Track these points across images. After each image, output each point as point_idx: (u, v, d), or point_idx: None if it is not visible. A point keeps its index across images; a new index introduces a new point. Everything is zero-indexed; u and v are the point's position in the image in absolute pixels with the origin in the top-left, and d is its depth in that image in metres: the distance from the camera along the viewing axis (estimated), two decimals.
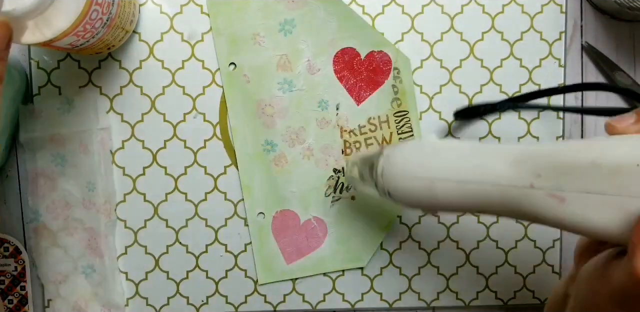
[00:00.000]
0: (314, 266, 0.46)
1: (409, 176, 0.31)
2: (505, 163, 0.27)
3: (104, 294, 0.44)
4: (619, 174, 0.23)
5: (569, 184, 0.24)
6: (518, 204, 0.27)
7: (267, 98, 0.44)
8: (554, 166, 0.25)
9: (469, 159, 0.29)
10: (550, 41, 0.46)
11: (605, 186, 0.23)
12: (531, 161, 0.26)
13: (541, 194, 0.25)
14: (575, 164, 0.24)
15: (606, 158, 0.23)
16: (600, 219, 0.24)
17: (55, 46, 0.35)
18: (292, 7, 0.44)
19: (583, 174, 0.24)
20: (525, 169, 0.26)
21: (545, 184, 0.25)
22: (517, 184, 0.26)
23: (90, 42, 0.37)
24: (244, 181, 0.45)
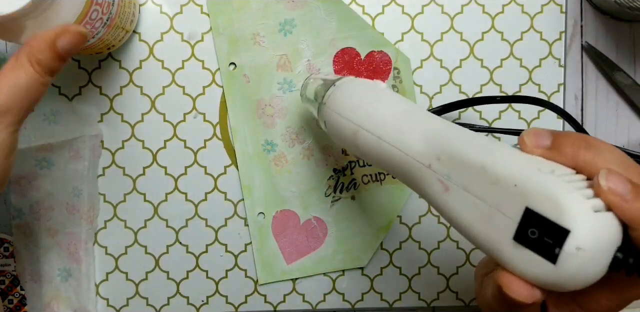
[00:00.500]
0: (314, 266, 0.46)
1: (343, 115, 0.32)
2: (420, 136, 0.27)
3: (77, 301, 0.44)
4: (498, 185, 0.23)
5: (457, 177, 0.25)
6: (415, 177, 0.27)
7: (267, 98, 0.44)
8: (452, 156, 0.25)
9: (397, 119, 0.29)
10: (550, 41, 0.46)
11: (483, 193, 0.23)
12: (439, 142, 0.26)
13: (434, 177, 0.26)
14: (469, 162, 0.24)
15: (493, 167, 0.23)
16: (470, 220, 0.24)
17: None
18: (292, 7, 0.44)
19: (471, 173, 0.24)
20: (431, 149, 0.27)
21: (440, 168, 0.26)
22: (419, 159, 0.27)
23: (91, 42, 0.37)
24: (244, 181, 0.45)
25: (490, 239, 0.23)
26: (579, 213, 0.20)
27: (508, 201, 0.22)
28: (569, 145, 0.23)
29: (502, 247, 0.23)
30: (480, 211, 0.23)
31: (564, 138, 0.24)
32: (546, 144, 0.24)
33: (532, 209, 0.21)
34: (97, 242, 0.45)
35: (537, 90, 0.46)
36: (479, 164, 0.24)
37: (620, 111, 0.47)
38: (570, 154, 0.23)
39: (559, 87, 0.46)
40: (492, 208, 0.23)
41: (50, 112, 0.43)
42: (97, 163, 0.44)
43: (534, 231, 0.21)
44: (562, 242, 0.20)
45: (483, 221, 0.23)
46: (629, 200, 0.21)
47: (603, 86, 0.47)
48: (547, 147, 0.24)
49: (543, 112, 0.46)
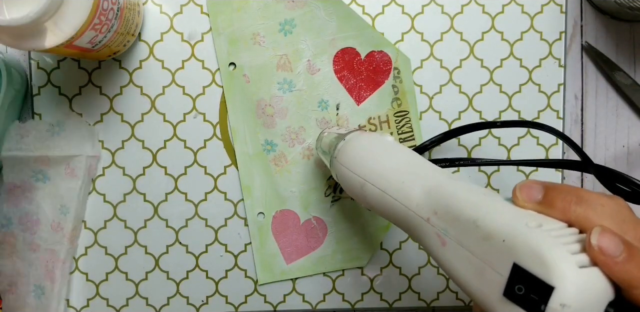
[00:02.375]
0: (314, 266, 0.46)
1: (351, 169, 0.33)
2: (421, 190, 0.28)
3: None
4: (488, 241, 0.23)
5: (452, 231, 0.25)
6: (416, 230, 0.28)
7: (267, 98, 0.44)
8: (448, 211, 0.26)
9: (400, 173, 0.30)
10: (550, 41, 0.46)
11: (476, 247, 0.24)
12: (436, 197, 0.27)
13: (432, 231, 0.26)
14: (462, 217, 0.25)
15: (484, 222, 0.24)
16: (464, 274, 0.24)
17: (77, 47, 0.35)
18: (292, 7, 0.44)
19: (464, 228, 0.24)
20: (430, 203, 0.27)
21: (437, 223, 0.26)
22: (419, 213, 0.28)
23: (108, 37, 0.37)
24: (244, 180, 0.45)
25: (482, 293, 0.23)
26: (564, 269, 0.20)
27: (498, 256, 0.23)
28: (560, 199, 0.23)
29: (493, 302, 0.23)
30: (474, 265, 0.24)
31: (555, 192, 0.24)
32: (538, 198, 0.24)
33: (519, 265, 0.21)
34: (97, 243, 0.45)
35: (537, 90, 0.46)
36: (471, 219, 0.24)
37: (620, 111, 0.47)
38: (562, 208, 0.23)
39: (559, 87, 0.46)
40: (484, 263, 0.23)
41: (56, 123, 0.44)
42: (90, 184, 0.45)
43: (521, 287, 0.21)
44: (547, 299, 0.20)
45: (476, 276, 0.24)
46: (619, 262, 0.20)
47: (603, 86, 0.47)
48: (538, 201, 0.24)
49: (543, 112, 0.46)
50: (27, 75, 0.44)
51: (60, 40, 0.33)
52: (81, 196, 0.44)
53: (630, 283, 0.21)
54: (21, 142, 0.43)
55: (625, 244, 0.21)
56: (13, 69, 0.42)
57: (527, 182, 0.25)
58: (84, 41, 0.35)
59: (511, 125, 0.41)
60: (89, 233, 0.45)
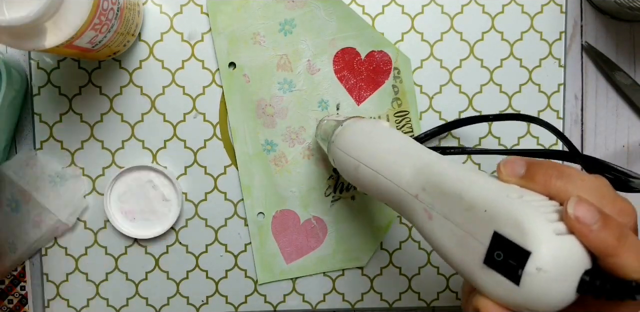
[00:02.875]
0: (314, 266, 0.46)
1: (347, 152, 0.34)
2: (411, 169, 0.29)
3: None
4: (471, 212, 0.24)
5: (438, 205, 0.26)
6: (406, 207, 0.29)
7: (268, 98, 0.44)
8: (435, 186, 0.27)
9: (393, 154, 0.31)
10: (550, 41, 0.46)
11: (459, 218, 0.25)
12: (426, 174, 0.28)
13: (420, 206, 0.27)
14: (448, 191, 0.26)
15: (468, 194, 0.24)
16: (447, 245, 0.25)
17: (77, 47, 0.35)
18: (292, 7, 0.44)
19: (450, 201, 0.25)
20: (419, 180, 0.28)
21: (425, 198, 0.27)
22: (408, 190, 0.28)
23: (108, 37, 0.37)
24: (244, 180, 0.45)
25: (464, 263, 0.24)
26: (540, 235, 0.21)
27: (480, 226, 0.23)
28: (541, 174, 0.24)
29: (474, 270, 0.23)
30: (457, 236, 0.25)
31: (536, 167, 0.25)
32: (520, 172, 0.25)
33: (499, 233, 0.22)
34: (97, 242, 0.45)
35: (537, 90, 0.46)
36: (456, 192, 0.25)
37: (620, 111, 0.47)
38: (543, 182, 0.24)
39: (559, 87, 0.46)
40: (466, 233, 0.24)
41: (61, 176, 0.44)
42: (50, 241, 0.45)
43: (500, 254, 0.22)
44: (524, 263, 0.21)
45: (459, 246, 0.24)
46: (594, 230, 0.21)
47: (603, 86, 0.46)
48: (521, 175, 0.25)
49: (543, 112, 0.46)
50: (27, 75, 0.44)
51: (60, 40, 0.33)
52: (34, 246, 0.44)
53: (606, 251, 0.21)
54: (23, 169, 0.43)
55: (601, 214, 0.22)
56: (13, 69, 0.42)
57: (511, 158, 0.26)
58: (84, 41, 0.35)
59: (503, 118, 0.42)
60: (89, 233, 0.45)
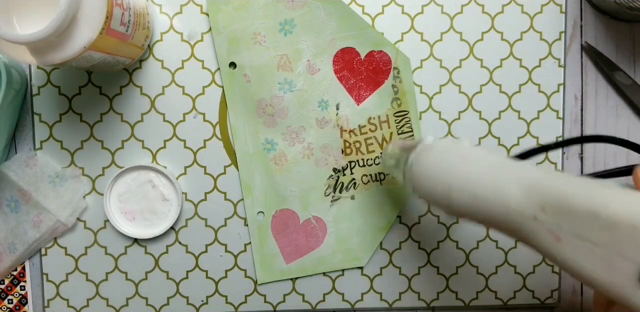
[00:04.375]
0: (314, 266, 0.46)
1: (432, 177, 0.32)
2: (518, 188, 0.27)
3: None
4: (614, 230, 0.22)
5: (567, 225, 0.24)
6: (520, 230, 0.27)
7: (268, 98, 0.44)
8: (558, 205, 0.25)
9: (489, 174, 0.29)
10: (550, 41, 0.46)
11: (599, 238, 0.23)
12: (540, 192, 0.26)
13: (542, 228, 0.25)
14: (577, 209, 0.24)
15: (606, 211, 0.23)
16: (588, 267, 0.24)
17: (114, 32, 0.35)
18: (292, 7, 0.44)
19: (582, 220, 0.24)
20: (533, 199, 0.26)
21: (547, 219, 0.25)
22: (522, 211, 0.26)
23: (133, 18, 0.37)
24: (244, 179, 0.45)
25: (613, 283, 0.23)
26: None
27: (627, 244, 0.22)
28: None
29: (627, 290, 0.22)
30: (599, 257, 0.23)
31: None
32: None
33: None
34: (97, 243, 0.45)
35: (537, 90, 0.46)
36: (590, 210, 0.23)
37: (620, 111, 0.47)
38: None
39: (559, 87, 0.46)
40: (611, 253, 0.22)
41: (61, 176, 0.44)
42: (50, 241, 0.45)
43: None
44: None
45: (602, 267, 0.23)
46: None
47: (603, 86, 0.46)
48: None
49: (543, 112, 0.46)
50: (27, 75, 0.44)
51: (92, 35, 0.33)
52: (33, 246, 0.44)
53: None
54: (23, 169, 0.43)
55: None
56: (13, 69, 0.42)
57: None
58: (116, 22, 0.35)
59: (572, 143, 0.39)
60: (89, 233, 0.45)
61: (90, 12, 0.32)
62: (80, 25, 0.32)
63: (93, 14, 0.32)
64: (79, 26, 0.32)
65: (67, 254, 0.45)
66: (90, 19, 0.32)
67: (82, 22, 0.32)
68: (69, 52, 0.33)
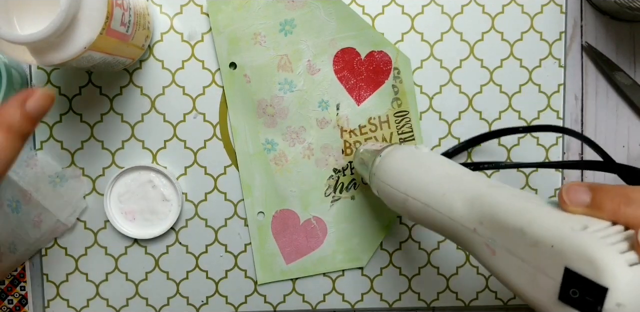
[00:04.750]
0: (314, 266, 0.46)
1: (391, 185, 0.34)
2: (463, 201, 0.28)
3: None
4: (537, 247, 0.23)
5: (500, 240, 0.25)
6: (464, 241, 0.28)
7: (268, 98, 0.44)
8: (493, 220, 0.26)
9: (440, 185, 0.31)
10: (550, 41, 0.46)
11: (525, 255, 0.24)
12: (480, 207, 0.27)
13: (480, 240, 0.27)
14: (508, 226, 0.25)
15: (531, 229, 0.24)
16: (518, 282, 0.24)
17: (115, 32, 0.35)
18: (292, 7, 0.44)
19: (512, 236, 0.25)
20: (474, 213, 0.27)
21: (484, 232, 0.26)
22: (464, 223, 0.28)
23: (133, 19, 0.37)
24: (244, 179, 0.45)
25: (538, 299, 0.23)
26: (614, 269, 0.20)
27: (548, 262, 0.23)
28: (609, 201, 0.23)
29: (549, 307, 0.23)
30: (526, 272, 0.24)
31: (603, 194, 0.24)
32: (585, 200, 0.24)
33: (570, 269, 0.22)
34: (97, 243, 0.45)
35: (537, 91, 0.46)
36: (517, 227, 0.24)
37: (620, 111, 0.47)
38: (611, 210, 0.23)
39: (559, 87, 0.46)
40: (535, 270, 0.23)
41: (61, 176, 0.44)
42: (51, 241, 0.45)
43: (575, 291, 0.21)
44: (603, 300, 0.20)
45: (529, 282, 0.24)
46: None
47: (603, 86, 0.46)
48: (587, 204, 0.24)
49: (543, 112, 0.46)
50: (28, 75, 0.44)
51: (93, 35, 0.32)
52: (34, 247, 0.44)
53: None
54: (24, 169, 0.43)
55: None
56: (13, 69, 0.42)
57: (572, 185, 0.25)
58: (117, 23, 0.35)
59: (534, 130, 0.42)
60: (89, 233, 0.45)
61: (90, 13, 0.32)
62: (80, 26, 0.32)
63: (93, 14, 0.32)
64: (79, 26, 0.32)
65: (67, 255, 0.45)
66: (90, 19, 0.32)
67: (82, 22, 0.32)
68: (69, 53, 0.32)
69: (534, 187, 0.46)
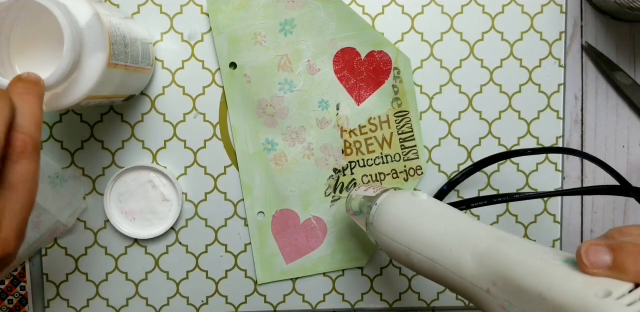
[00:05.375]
0: (314, 266, 0.46)
1: (392, 238, 0.32)
2: (472, 257, 0.27)
3: None
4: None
5: (516, 302, 0.24)
6: (477, 300, 0.27)
7: (268, 98, 0.44)
8: (507, 281, 0.25)
9: (444, 239, 0.29)
10: (550, 41, 0.46)
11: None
12: (491, 266, 0.26)
13: (494, 301, 0.26)
14: (525, 289, 0.24)
15: (550, 294, 0.23)
16: None
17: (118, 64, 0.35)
18: (292, 7, 0.44)
19: (530, 300, 0.24)
20: (486, 273, 0.26)
21: (498, 294, 0.25)
22: (476, 284, 0.27)
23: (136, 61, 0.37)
24: (244, 179, 0.45)
25: None
26: None
27: None
28: (632, 262, 0.22)
29: None
30: None
31: (625, 255, 0.23)
32: (607, 261, 0.23)
33: None
34: (97, 243, 0.45)
35: (537, 91, 0.46)
36: (536, 292, 0.23)
37: (620, 111, 0.47)
38: (634, 271, 0.22)
39: (559, 87, 0.46)
40: None
41: (60, 177, 0.44)
42: (50, 242, 0.45)
43: None
44: None
45: None
46: None
47: (603, 86, 0.46)
48: (608, 266, 0.23)
49: (543, 112, 0.46)
50: None
51: (102, 63, 0.33)
52: (33, 247, 0.43)
53: None
54: None
55: None
56: None
57: (591, 245, 0.24)
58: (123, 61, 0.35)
59: (540, 152, 0.40)
60: (89, 233, 0.45)
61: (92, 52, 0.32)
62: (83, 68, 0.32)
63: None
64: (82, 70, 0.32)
65: (67, 254, 0.45)
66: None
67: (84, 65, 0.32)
68: (75, 97, 0.33)
69: (534, 187, 0.46)
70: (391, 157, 0.45)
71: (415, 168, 0.45)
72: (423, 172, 0.45)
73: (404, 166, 0.45)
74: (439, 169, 0.46)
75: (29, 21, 0.33)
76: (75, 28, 0.30)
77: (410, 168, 0.45)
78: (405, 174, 0.45)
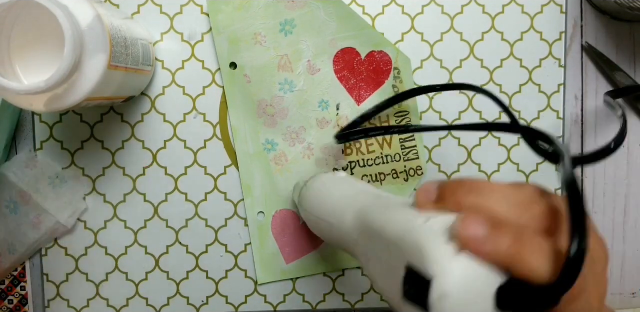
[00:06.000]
0: (314, 266, 0.46)
1: (308, 211, 0.35)
2: (351, 215, 0.29)
3: None
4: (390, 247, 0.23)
5: (371, 246, 0.26)
6: (353, 252, 0.29)
7: (268, 98, 0.44)
8: (367, 227, 0.26)
9: (341, 204, 0.31)
10: (550, 41, 0.46)
11: (387, 258, 0.23)
12: (361, 217, 0.28)
13: (360, 251, 0.27)
14: (374, 231, 0.25)
15: (385, 230, 0.24)
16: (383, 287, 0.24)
17: (120, 67, 0.35)
18: (292, 7, 0.44)
19: (377, 240, 0.25)
20: (356, 226, 0.28)
21: (362, 242, 0.27)
22: (351, 236, 0.28)
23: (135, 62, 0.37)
24: (244, 179, 0.45)
25: (392, 300, 0.23)
26: (438, 259, 0.19)
27: (397, 261, 0.22)
28: (450, 193, 0.23)
29: (399, 305, 0.22)
30: (387, 275, 0.23)
31: (445, 187, 0.23)
32: (433, 197, 0.24)
33: (408, 265, 0.21)
34: (97, 243, 0.45)
35: (537, 91, 0.46)
36: (379, 230, 0.24)
37: None
38: (453, 201, 0.23)
39: (559, 87, 0.46)
40: (392, 271, 0.22)
41: (60, 177, 0.44)
42: (50, 242, 0.45)
43: (412, 286, 0.21)
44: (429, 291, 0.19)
45: (388, 284, 0.23)
46: (484, 242, 0.19)
47: (603, 86, 0.47)
48: (433, 199, 0.24)
49: (543, 112, 0.46)
50: None
51: (102, 64, 0.33)
52: (33, 247, 0.44)
53: (507, 260, 0.19)
54: (22, 170, 0.43)
55: (491, 224, 0.20)
56: None
57: (425, 184, 0.24)
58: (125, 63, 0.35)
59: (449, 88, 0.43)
60: (89, 233, 0.45)
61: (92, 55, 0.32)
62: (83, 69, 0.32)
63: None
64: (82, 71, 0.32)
65: (67, 254, 0.45)
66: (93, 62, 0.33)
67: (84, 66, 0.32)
68: (75, 98, 0.33)
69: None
70: (391, 157, 0.45)
71: (415, 168, 0.45)
72: (423, 172, 0.45)
73: (404, 166, 0.45)
74: (439, 169, 0.46)
75: (30, 22, 0.33)
76: (77, 29, 0.30)
77: (411, 168, 0.45)
78: (406, 174, 0.45)
